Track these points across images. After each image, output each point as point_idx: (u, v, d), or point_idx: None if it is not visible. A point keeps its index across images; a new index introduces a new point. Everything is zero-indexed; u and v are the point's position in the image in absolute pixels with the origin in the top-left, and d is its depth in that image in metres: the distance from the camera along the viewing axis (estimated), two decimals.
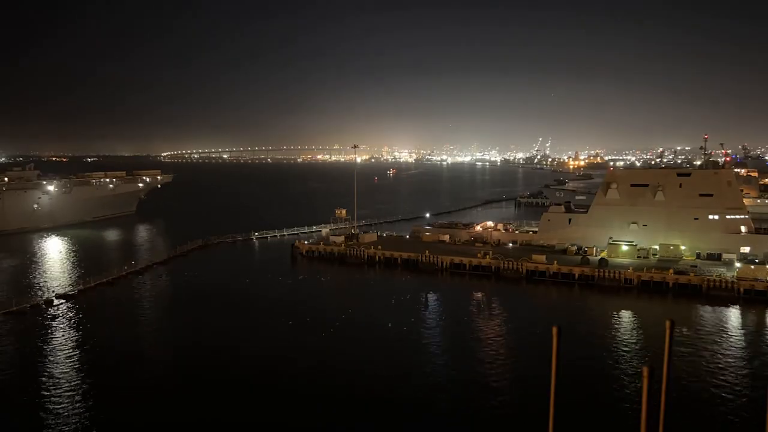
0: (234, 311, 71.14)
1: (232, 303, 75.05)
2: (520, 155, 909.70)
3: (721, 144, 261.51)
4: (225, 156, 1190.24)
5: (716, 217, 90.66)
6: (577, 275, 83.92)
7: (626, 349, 57.18)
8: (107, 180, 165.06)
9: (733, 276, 77.02)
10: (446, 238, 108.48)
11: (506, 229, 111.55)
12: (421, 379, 49.52)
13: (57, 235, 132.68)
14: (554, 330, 7.36)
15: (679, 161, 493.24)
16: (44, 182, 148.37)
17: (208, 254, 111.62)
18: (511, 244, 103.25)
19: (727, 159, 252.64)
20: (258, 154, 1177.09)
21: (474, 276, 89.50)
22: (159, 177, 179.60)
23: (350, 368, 51.95)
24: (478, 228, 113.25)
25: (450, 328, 64.72)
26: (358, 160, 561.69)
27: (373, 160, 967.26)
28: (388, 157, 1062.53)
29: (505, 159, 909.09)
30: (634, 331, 63.90)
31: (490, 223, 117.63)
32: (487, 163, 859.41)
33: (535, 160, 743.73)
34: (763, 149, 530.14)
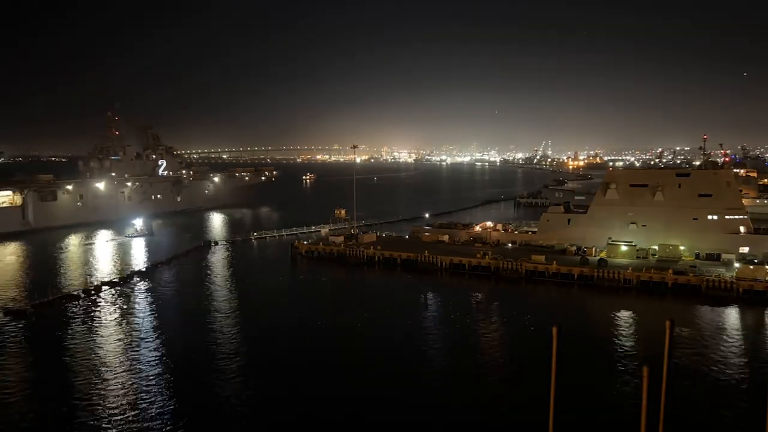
0: (234, 311, 71.11)
1: (231, 303, 75.05)
2: (519, 155, 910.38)
3: (720, 144, 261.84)
4: (225, 156, 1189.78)
5: (715, 217, 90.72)
6: (576, 275, 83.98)
7: (626, 349, 57.22)
8: (244, 174, 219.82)
9: (732, 276, 77.07)
10: (445, 238, 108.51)
11: (506, 230, 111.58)
12: (420, 379, 49.52)
13: (218, 212, 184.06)
14: (554, 330, 7.37)
15: (679, 161, 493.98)
16: (211, 175, 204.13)
17: (208, 254, 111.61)
18: (510, 245, 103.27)
19: (726, 159, 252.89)
20: (257, 154, 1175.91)
21: (473, 276, 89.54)
22: (275, 172, 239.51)
23: (349, 368, 51.96)
24: (478, 228, 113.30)
25: (449, 328, 64.73)
26: (358, 160, 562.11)
27: (372, 161, 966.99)
28: (388, 157, 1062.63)
29: (504, 159, 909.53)
30: (634, 331, 63.94)
31: (489, 224, 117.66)
32: (487, 164, 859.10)
33: (535, 161, 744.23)
34: (762, 149, 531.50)
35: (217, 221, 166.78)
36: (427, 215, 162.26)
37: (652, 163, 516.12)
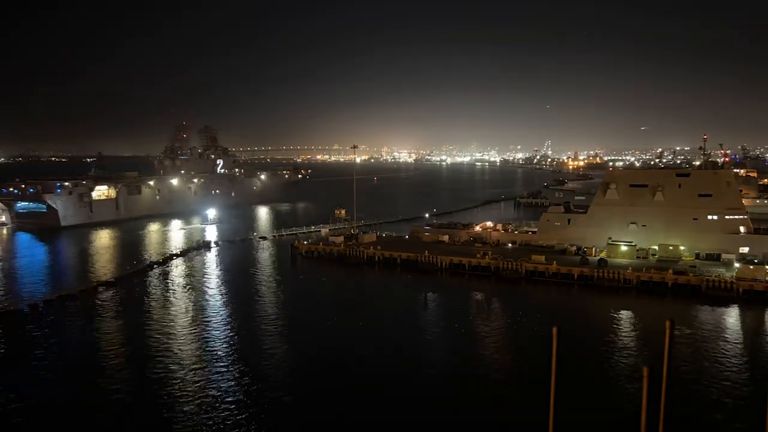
0: (233, 311, 71.12)
1: (230, 303, 75.07)
2: (519, 155, 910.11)
3: (720, 144, 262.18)
4: None
5: (715, 217, 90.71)
6: (576, 275, 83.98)
7: (626, 349, 57.22)
8: (284, 173, 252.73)
9: (732, 276, 77.08)
10: (446, 238, 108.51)
11: (506, 230, 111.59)
12: (419, 379, 49.53)
13: (265, 206, 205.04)
14: (554, 330, 7.38)
15: (679, 161, 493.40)
16: (258, 173, 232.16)
17: (208, 254, 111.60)
18: (510, 245, 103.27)
19: (726, 159, 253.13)
20: (257, 154, 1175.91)
21: (473, 276, 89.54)
22: (309, 171, 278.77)
23: (348, 368, 51.99)
24: (478, 228, 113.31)
25: (449, 328, 64.74)
26: (358, 160, 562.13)
27: (372, 161, 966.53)
28: (388, 157, 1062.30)
29: (504, 159, 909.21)
30: (634, 331, 63.94)
31: (489, 224, 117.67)
32: (487, 164, 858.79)
33: (535, 161, 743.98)
34: (762, 149, 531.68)
35: (263, 213, 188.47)
36: (427, 215, 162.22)
37: (652, 163, 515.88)
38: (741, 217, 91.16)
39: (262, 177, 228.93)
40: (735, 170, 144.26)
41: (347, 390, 47.15)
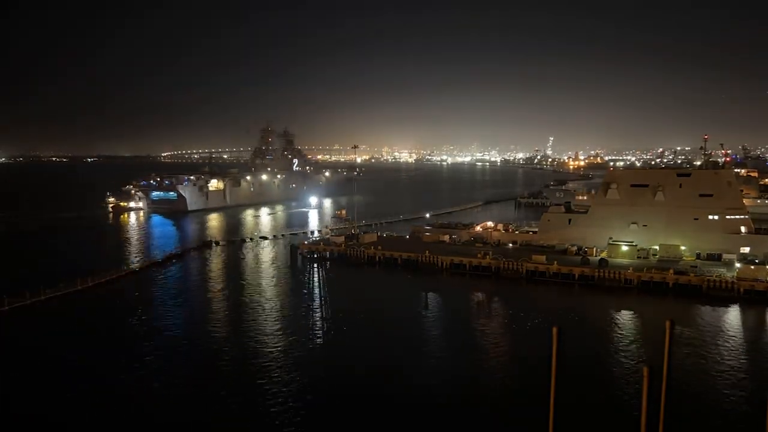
0: (233, 312, 71.16)
1: (230, 303, 75.11)
2: (520, 155, 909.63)
3: (721, 144, 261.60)
4: (225, 156, 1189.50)
5: (716, 217, 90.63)
6: (577, 275, 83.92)
7: (626, 349, 57.18)
8: (343, 170, 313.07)
9: (733, 276, 76.99)
10: (446, 238, 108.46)
11: (506, 230, 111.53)
12: (420, 379, 49.50)
13: (330, 198, 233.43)
14: (554, 330, 7.37)
15: (679, 161, 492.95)
16: (323, 171, 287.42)
17: (207, 255, 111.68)
18: (511, 245, 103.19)
19: (727, 159, 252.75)
20: None
21: (474, 276, 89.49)
22: (363, 169, 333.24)
23: (349, 367, 51.98)
24: (478, 228, 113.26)
25: (450, 328, 64.74)
26: (358, 160, 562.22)
27: (373, 161, 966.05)
28: (388, 157, 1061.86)
29: (505, 159, 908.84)
30: (634, 331, 63.87)
31: (490, 224, 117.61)
32: (487, 164, 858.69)
33: (535, 161, 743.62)
34: (763, 149, 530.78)
35: (338, 203, 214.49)
36: (427, 215, 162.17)
37: (653, 163, 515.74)
38: (742, 217, 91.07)
39: (326, 174, 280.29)
40: (736, 170, 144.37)
41: (347, 390, 47.15)
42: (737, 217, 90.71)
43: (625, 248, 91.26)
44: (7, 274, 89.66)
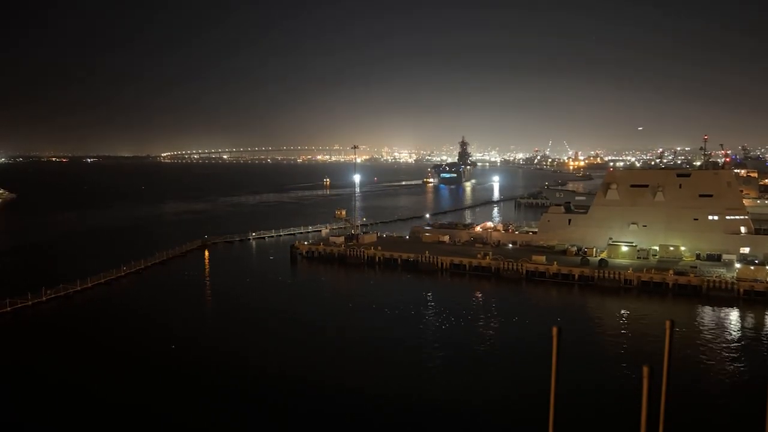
0: (233, 312, 71.13)
1: (231, 304, 75.08)
2: (520, 156, 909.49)
3: (721, 144, 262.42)
4: (225, 156, 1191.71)
5: (716, 217, 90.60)
6: (576, 276, 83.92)
7: (626, 349, 57.16)
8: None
9: (732, 277, 76.99)
10: (446, 238, 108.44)
11: (506, 230, 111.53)
12: (420, 379, 49.50)
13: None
14: (554, 330, 7.35)
15: (679, 162, 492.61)
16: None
17: (206, 255, 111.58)
18: (510, 245, 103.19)
19: (727, 159, 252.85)
20: (258, 155, 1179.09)
21: (474, 276, 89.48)
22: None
23: (349, 367, 51.96)
24: (478, 228, 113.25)
25: (450, 328, 64.71)
26: (358, 160, 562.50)
27: (373, 161, 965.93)
28: (388, 157, 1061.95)
29: (504, 159, 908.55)
30: (634, 332, 63.82)
31: (490, 224, 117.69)
32: (487, 164, 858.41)
33: (535, 161, 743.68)
34: (763, 150, 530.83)
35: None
36: (427, 215, 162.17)
37: (653, 163, 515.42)
38: (742, 217, 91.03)
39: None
40: (735, 171, 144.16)
41: (346, 390, 47.13)
42: (737, 217, 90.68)
43: (624, 248, 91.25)
44: None
